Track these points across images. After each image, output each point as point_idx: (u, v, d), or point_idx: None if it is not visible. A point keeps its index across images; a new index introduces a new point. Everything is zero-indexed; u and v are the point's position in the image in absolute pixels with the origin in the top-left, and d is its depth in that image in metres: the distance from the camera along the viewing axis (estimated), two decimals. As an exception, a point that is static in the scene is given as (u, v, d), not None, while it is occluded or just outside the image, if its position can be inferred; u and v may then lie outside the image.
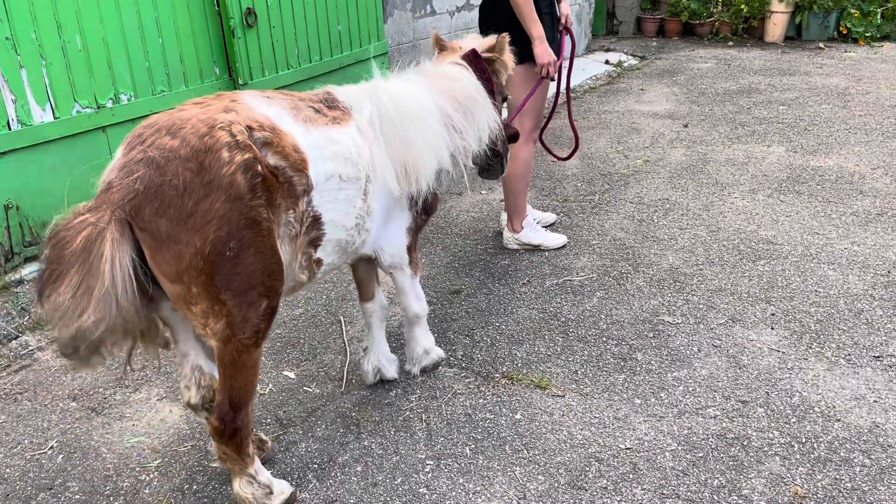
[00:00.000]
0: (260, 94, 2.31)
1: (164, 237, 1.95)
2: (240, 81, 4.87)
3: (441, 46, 3.10)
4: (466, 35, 3.22)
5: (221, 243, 1.98)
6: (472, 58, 2.92)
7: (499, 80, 3.06)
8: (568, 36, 4.17)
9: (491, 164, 3.12)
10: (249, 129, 2.08)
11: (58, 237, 1.91)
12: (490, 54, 3.00)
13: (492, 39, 3.06)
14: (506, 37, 3.06)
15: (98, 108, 4.19)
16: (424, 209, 2.86)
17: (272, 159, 2.11)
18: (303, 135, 2.26)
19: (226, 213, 1.97)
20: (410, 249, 2.88)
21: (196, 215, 1.95)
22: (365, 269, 2.95)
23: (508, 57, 3.10)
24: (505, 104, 3.19)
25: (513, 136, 3.26)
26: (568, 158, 4.60)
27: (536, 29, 3.78)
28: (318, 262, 2.42)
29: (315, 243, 2.36)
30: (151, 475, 2.67)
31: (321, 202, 2.31)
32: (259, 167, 2.04)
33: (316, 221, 2.31)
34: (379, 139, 2.52)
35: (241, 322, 2.09)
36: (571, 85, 4.63)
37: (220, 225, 1.97)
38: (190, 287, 2.01)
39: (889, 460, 2.62)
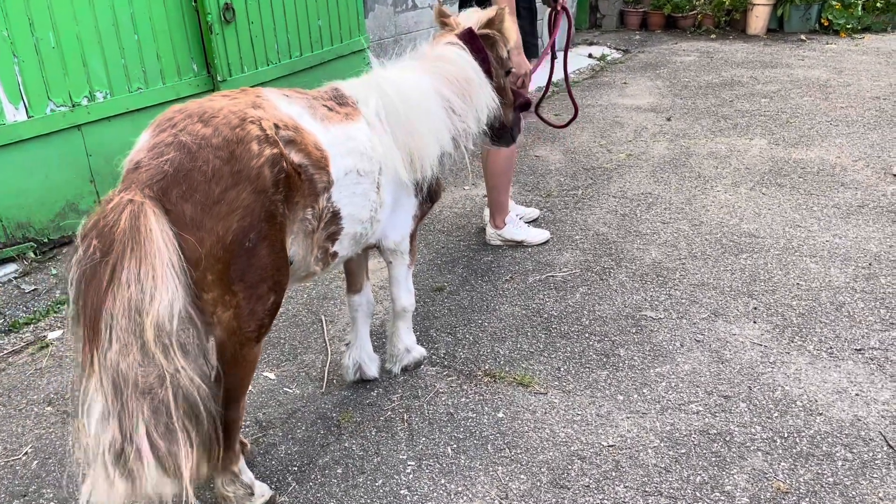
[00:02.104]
0: (280, 92, 2.35)
1: (188, 222, 1.95)
2: (218, 78, 4.80)
3: (443, 22, 3.04)
4: (465, 11, 3.15)
5: (242, 234, 2.01)
6: (468, 37, 2.87)
7: (498, 54, 2.99)
8: (564, 15, 4.11)
9: (500, 134, 3.15)
10: (276, 126, 2.13)
11: (99, 226, 1.87)
12: (486, 30, 2.93)
13: (491, 12, 2.96)
14: (505, 8, 2.97)
15: (73, 106, 4.12)
16: (430, 196, 2.89)
17: (296, 157, 2.16)
18: (322, 132, 2.31)
19: (250, 204, 2.01)
20: (412, 237, 2.91)
21: (222, 203, 1.97)
22: (357, 259, 2.94)
23: (508, 29, 3.01)
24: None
25: (524, 105, 3.24)
26: (567, 126, 4.57)
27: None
28: (334, 254, 2.48)
29: (333, 237, 2.42)
30: (128, 480, 2.62)
31: (340, 197, 2.35)
32: (284, 164, 2.09)
33: (335, 216, 2.37)
34: (386, 130, 2.55)
35: (248, 315, 2.12)
36: (557, 76, 4.60)
37: (243, 215, 2.00)
38: (206, 274, 2.02)
39: (871, 454, 2.62)
